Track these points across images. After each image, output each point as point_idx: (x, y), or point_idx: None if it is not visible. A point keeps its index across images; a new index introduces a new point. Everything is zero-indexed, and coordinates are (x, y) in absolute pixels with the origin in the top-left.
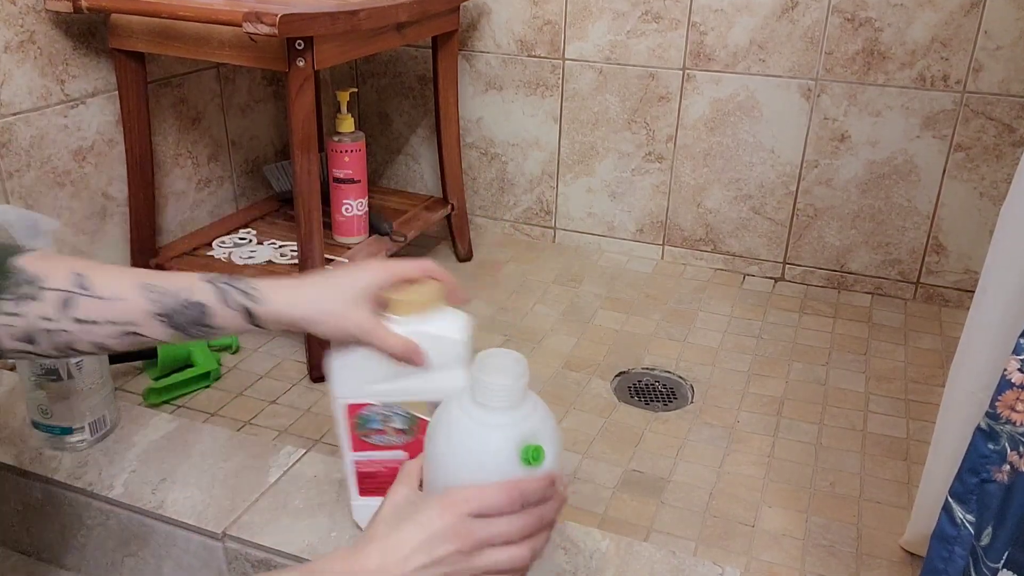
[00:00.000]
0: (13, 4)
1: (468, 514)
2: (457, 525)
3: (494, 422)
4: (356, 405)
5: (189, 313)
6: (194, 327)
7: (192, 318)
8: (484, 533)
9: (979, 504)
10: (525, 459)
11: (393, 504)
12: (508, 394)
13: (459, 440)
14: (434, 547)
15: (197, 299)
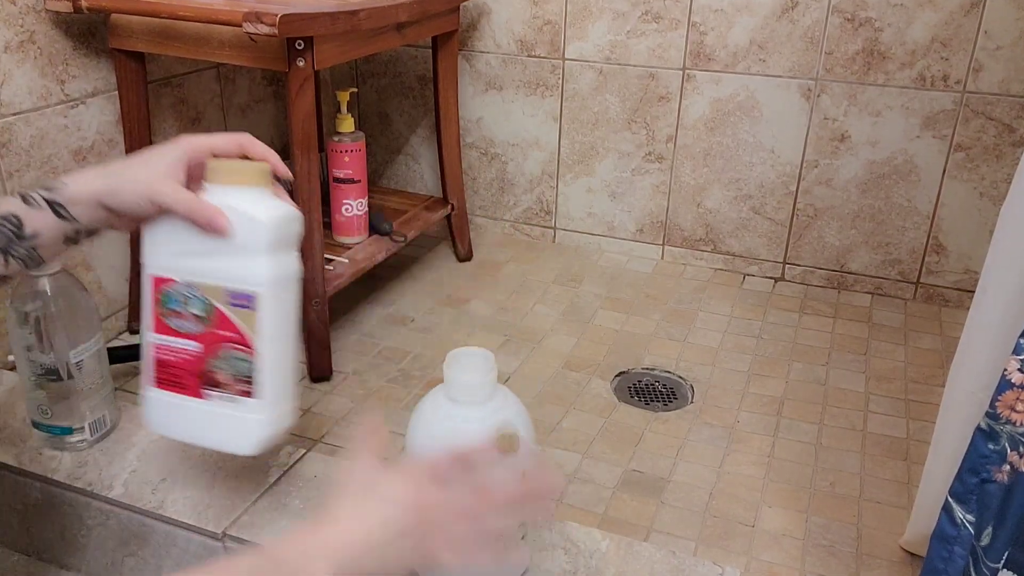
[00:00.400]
0: (13, 4)
1: (431, 479)
2: (420, 495)
3: (469, 416)
4: (160, 279)
5: (5, 229)
6: (15, 246)
7: (9, 234)
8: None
9: (979, 504)
10: (501, 447)
11: (352, 478)
12: (479, 389)
13: (438, 436)
14: (397, 521)
15: (7, 210)
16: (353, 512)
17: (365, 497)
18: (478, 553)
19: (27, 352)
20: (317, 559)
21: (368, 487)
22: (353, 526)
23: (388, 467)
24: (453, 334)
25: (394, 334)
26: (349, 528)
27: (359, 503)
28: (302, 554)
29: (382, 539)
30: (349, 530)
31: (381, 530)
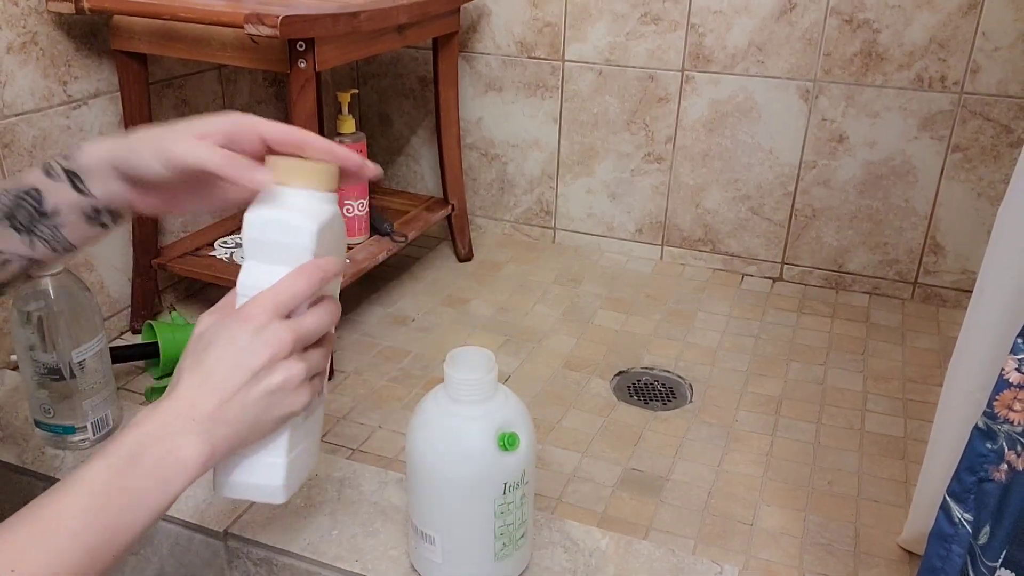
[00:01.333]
0: (15, 5)
1: (273, 313)
2: (263, 331)
3: (470, 415)
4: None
5: (27, 204)
6: (39, 224)
7: (31, 209)
8: (296, 329)
9: (977, 503)
10: (502, 445)
11: (198, 335)
12: (480, 388)
13: (439, 435)
14: (247, 361)
15: (30, 183)
16: (196, 371)
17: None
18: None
19: (30, 352)
20: (177, 435)
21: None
22: (197, 383)
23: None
24: (453, 334)
25: (395, 334)
26: (195, 388)
27: (199, 361)
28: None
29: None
30: (196, 390)
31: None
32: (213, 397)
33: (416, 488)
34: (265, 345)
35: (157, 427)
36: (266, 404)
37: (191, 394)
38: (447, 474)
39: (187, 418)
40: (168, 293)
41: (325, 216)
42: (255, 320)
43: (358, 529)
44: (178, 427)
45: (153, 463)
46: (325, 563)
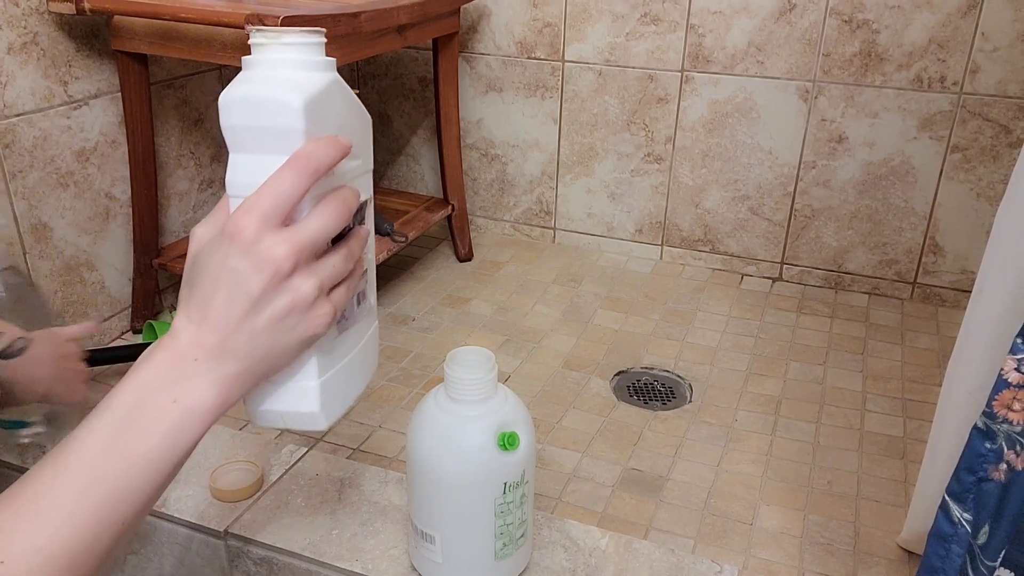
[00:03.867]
0: (16, 6)
1: (261, 224)
2: (254, 248)
3: (470, 414)
4: None
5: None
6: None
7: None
8: (294, 239)
9: (976, 503)
10: (502, 445)
11: (192, 256)
12: (480, 387)
13: (440, 434)
14: (245, 287)
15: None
16: (191, 303)
17: (198, 279)
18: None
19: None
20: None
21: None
22: (195, 318)
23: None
24: (453, 334)
25: (395, 333)
26: (193, 324)
27: (193, 290)
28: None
29: (237, 313)
30: (195, 326)
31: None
32: (215, 332)
33: (416, 488)
34: (260, 265)
35: (156, 374)
36: (278, 331)
37: (190, 331)
38: (447, 474)
39: (189, 359)
40: (169, 293)
41: (317, 85)
42: (243, 236)
43: (358, 529)
44: (180, 371)
45: (156, 417)
46: (325, 562)
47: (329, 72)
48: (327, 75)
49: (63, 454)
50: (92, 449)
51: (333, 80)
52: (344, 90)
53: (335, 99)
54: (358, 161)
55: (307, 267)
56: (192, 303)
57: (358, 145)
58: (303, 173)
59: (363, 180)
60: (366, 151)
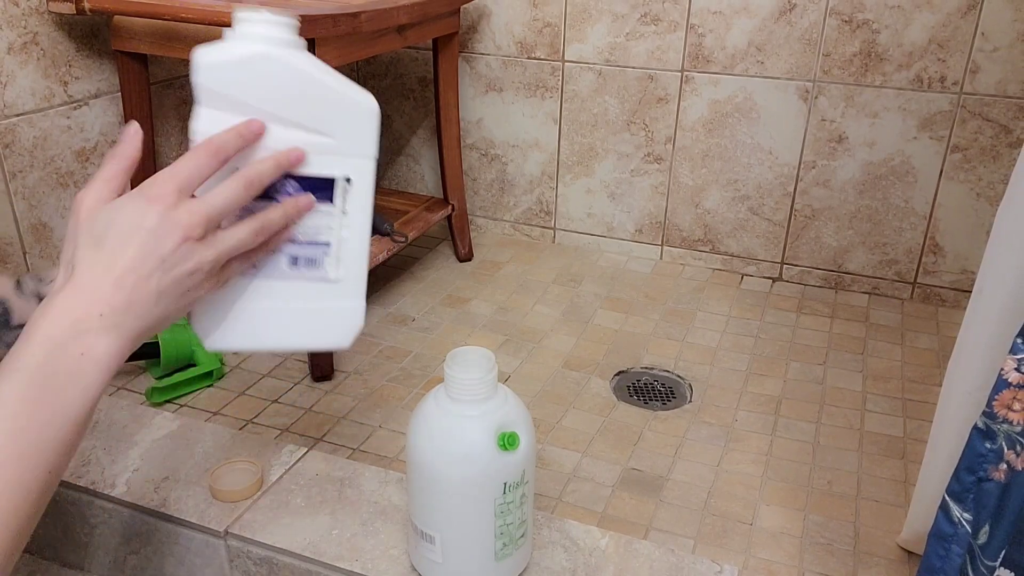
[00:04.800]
0: (16, 6)
1: (177, 193)
2: (171, 212)
3: (470, 414)
4: None
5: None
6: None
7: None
8: (204, 208)
9: (976, 503)
10: (502, 445)
11: (89, 213)
12: (480, 387)
13: (439, 435)
14: (157, 247)
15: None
16: (97, 259)
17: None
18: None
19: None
20: (86, 335)
21: (109, 222)
22: (101, 273)
23: (126, 196)
24: (453, 334)
25: (395, 334)
26: (99, 279)
27: (100, 245)
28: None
29: (145, 271)
30: (100, 281)
31: (139, 262)
32: (121, 289)
33: (416, 488)
34: (174, 228)
35: (63, 330)
36: (176, 292)
37: (95, 286)
38: (447, 474)
39: (93, 315)
40: None
41: (239, 53)
42: (164, 201)
43: (358, 529)
44: (86, 326)
45: (68, 370)
46: (325, 563)
47: (267, 46)
48: (262, 47)
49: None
50: (10, 404)
51: (265, 53)
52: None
53: (272, 71)
54: (322, 138)
55: (212, 236)
56: (98, 258)
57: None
58: (208, 155)
59: (336, 160)
60: (343, 132)
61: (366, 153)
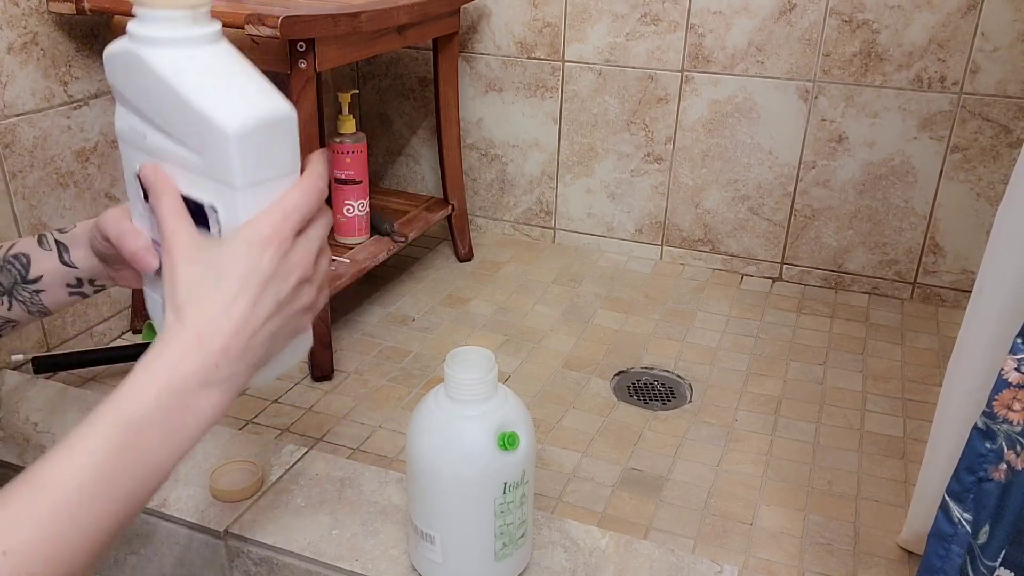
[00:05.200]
0: (16, 6)
1: (291, 233)
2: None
3: (470, 414)
4: None
5: (13, 268)
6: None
7: (16, 273)
8: (313, 246)
9: (976, 503)
10: (502, 445)
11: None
12: (480, 387)
13: (439, 435)
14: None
15: (19, 250)
16: (212, 304)
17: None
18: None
19: None
20: (199, 388)
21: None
22: (218, 318)
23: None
24: (453, 334)
25: (395, 334)
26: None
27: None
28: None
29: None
30: (218, 327)
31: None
32: (239, 337)
33: (416, 488)
34: (292, 270)
35: (175, 381)
36: (285, 332)
37: (212, 333)
38: (447, 474)
39: (210, 366)
40: None
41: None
42: (281, 245)
43: (358, 529)
44: (200, 378)
45: (167, 423)
46: (325, 563)
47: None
48: (126, 43)
49: (76, 448)
50: (103, 447)
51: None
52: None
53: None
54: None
55: (315, 272)
56: (214, 302)
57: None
58: (318, 193)
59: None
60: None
61: (228, 181)
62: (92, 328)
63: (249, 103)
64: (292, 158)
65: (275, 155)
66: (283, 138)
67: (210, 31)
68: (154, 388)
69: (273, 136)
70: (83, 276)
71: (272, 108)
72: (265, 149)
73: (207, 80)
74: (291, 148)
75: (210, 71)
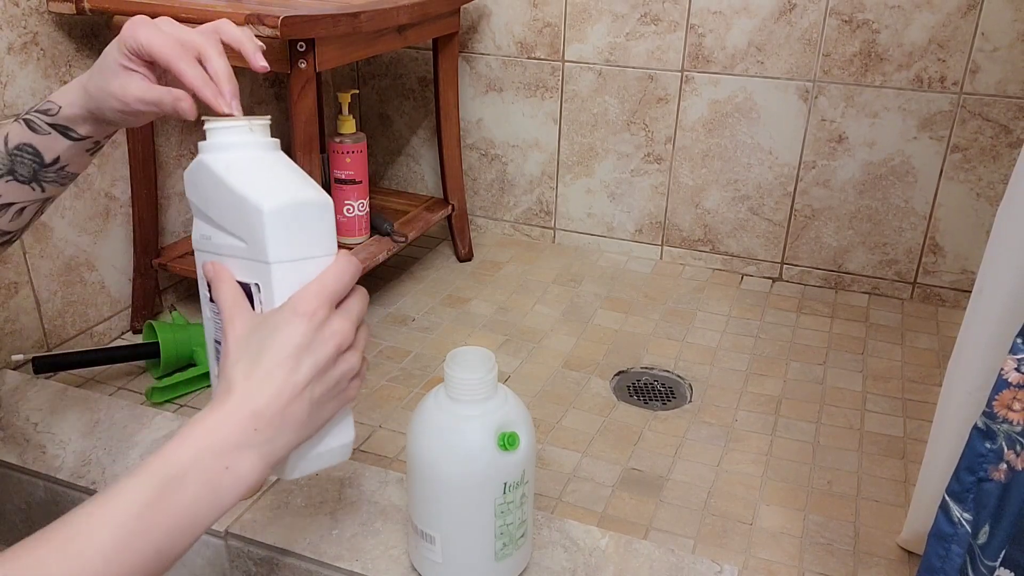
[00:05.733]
0: (16, 6)
1: (328, 305)
2: (325, 324)
3: (470, 414)
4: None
5: (25, 159)
6: (44, 172)
7: (32, 164)
8: (353, 316)
9: (976, 503)
10: (502, 445)
11: (237, 338)
12: (480, 387)
13: (439, 435)
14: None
15: (20, 140)
16: (253, 374)
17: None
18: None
19: None
20: (235, 450)
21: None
22: (257, 387)
23: (272, 313)
24: (453, 334)
25: (395, 333)
26: (255, 392)
27: (256, 363)
28: (214, 455)
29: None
30: (256, 394)
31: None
32: (277, 401)
33: (416, 488)
34: (329, 339)
35: (215, 441)
36: (328, 399)
37: (252, 399)
38: (447, 474)
39: (248, 429)
40: (169, 293)
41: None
42: (315, 315)
43: (358, 529)
44: (237, 440)
45: (205, 482)
46: (325, 563)
47: (204, 152)
48: (201, 155)
49: (113, 499)
50: (139, 500)
51: (199, 159)
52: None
53: (203, 176)
54: (240, 243)
55: (357, 340)
56: (254, 373)
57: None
58: (355, 269)
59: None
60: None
61: (263, 258)
62: (92, 328)
63: (286, 189)
64: (327, 241)
65: (309, 236)
66: (317, 221)
67: (265, 141)
68: (193, 447)
69: (306, 217)
70: (98, 138)
71: (307, 194)
72: (298, 229)
73: (253, 174)
74: (326, 232)
75: (258, 168)
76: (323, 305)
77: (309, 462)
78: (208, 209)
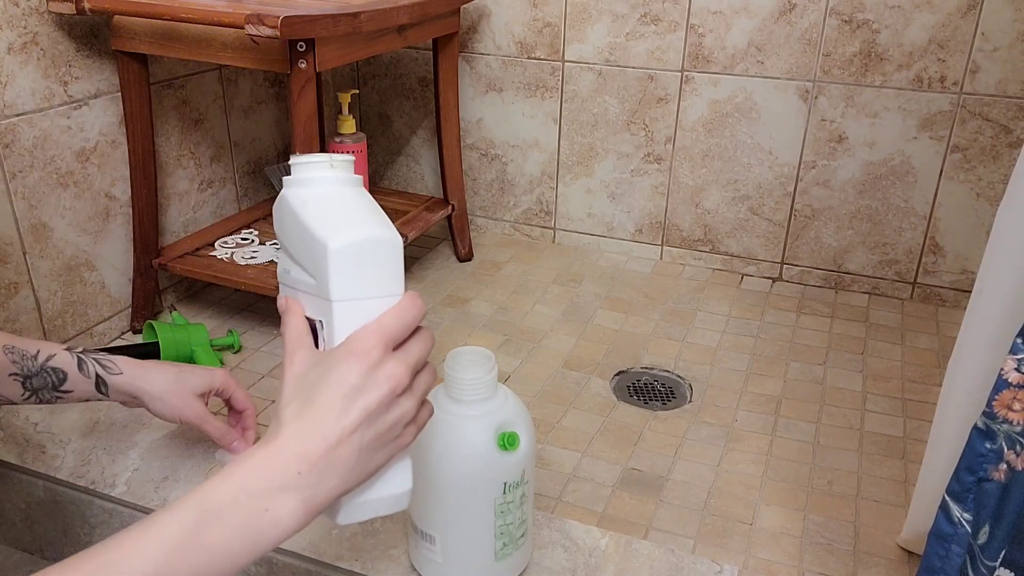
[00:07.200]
0: (16, 6)
1: (384, 347)
2: (379, 366)
3: (470, 413)
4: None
5: (50, 379)
6: (46, 392)
7: (49, 384)
8: (410, 359)
9: (976, 503)
10: (502, 444)
11: (294, 377)
12: (480, 387)
13: (439, 435)
14: (364, 402)
15: (57, 366)
16: (303, 415)
17: (312, 393)
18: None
19: None
20: (278, 492)
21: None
22: (306, 428)
23: (331, 352)
24: (454, 334)
25: None
26: (303, 433)
27: (308, 403)
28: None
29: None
30: (304, 435)
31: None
32: (324, 443)
33: (416, 487)
34: (382, 382)
35: (256, 481)
36: (380, 445)
37: (298, 441)
38: (447, 474)
39: (293, 471)
40: (169, 293)
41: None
42: (369, 356)
43: (358, 529)
44: (281, 481)
45: (244, 520)
46: (325, 562)
47: (287, 188)
48: (284, 190)
49: (147, 531)
50: (177, 534)
51: (282, 195)
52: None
53: (283, 211)
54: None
55: (414, 385)
56: (304, 414)
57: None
58: (417, 310)
59: (315, 302)
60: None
61: (326, 295)
62: (92, 328)
63: (355, 226)
64: (394, 281)
65: (375, 275)
66: (384, 260)
67: (346, 177)
68: (235, 486)
69: (372, 256)
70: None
71: (377, 232)
72: (363, 267)
73: (327, 210)
74: (393, 271)
75: (332, 204)
76: (378, 346)
77: (361, 509)
78: (287, 243)
